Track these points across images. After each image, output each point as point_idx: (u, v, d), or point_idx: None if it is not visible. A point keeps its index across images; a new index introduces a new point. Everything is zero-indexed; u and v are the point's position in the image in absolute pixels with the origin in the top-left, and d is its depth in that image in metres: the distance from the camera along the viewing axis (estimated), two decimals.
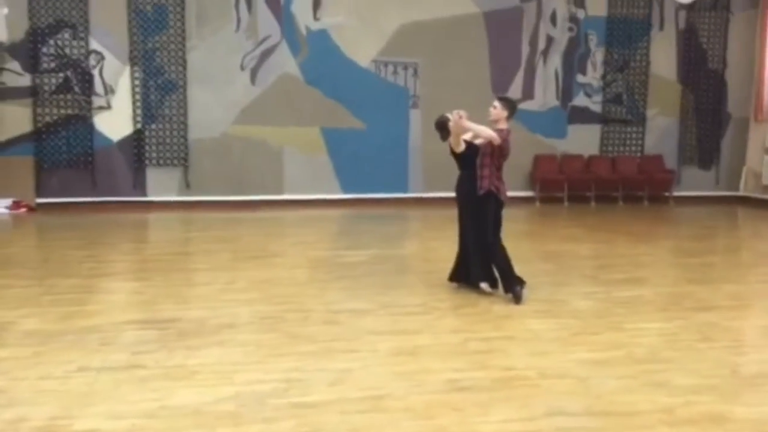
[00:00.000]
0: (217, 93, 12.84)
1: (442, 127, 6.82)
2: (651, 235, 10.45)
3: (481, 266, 6.72)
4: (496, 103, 6.60)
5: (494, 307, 6.32)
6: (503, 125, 6.56)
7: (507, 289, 6.55)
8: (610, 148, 14.44)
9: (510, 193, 6.97)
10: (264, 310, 6.11)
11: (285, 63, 13.08)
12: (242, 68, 12.93)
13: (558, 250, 9.11)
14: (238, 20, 12.84)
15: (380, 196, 13.50)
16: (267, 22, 12.95)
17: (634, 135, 14.50)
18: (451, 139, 6.63)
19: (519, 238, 9.76)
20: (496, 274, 6.71)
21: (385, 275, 7.53)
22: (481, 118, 6.63)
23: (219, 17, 12.77)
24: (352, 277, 7.36)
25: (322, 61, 13.17)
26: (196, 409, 4.01)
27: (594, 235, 10.43)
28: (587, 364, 4.90)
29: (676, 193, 14.51)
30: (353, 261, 8.29)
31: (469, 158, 6.65)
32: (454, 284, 6.93)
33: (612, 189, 14.23)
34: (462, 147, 6.63)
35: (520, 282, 6.52)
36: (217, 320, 5.76)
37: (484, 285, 6.77)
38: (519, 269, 6.57)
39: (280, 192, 13.25)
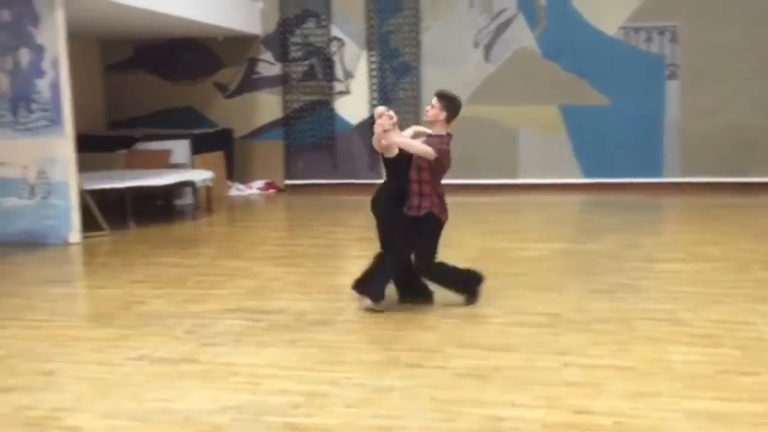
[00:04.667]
0: (450, 73, 12.44)
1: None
2: None
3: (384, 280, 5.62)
4: (434, 101, 5.40)
5: (643, 325, 5.13)
6: (442, 129, 5.44)
7: (464, 291, 5.64)
8: None
9: None
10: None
11: (521, 37, 12.23)
12: (476, 45, 12.39)
13: None
14: None
15: (628, 181, 12.05)
16: None
17: None
18: (374, 141, 5.45)
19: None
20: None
21: (545, 276, 6.60)
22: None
23: None
24: (506, 275, 6.55)
25: (563, 32, 12.07)
26: (188, 417, 3.78)
27: None
28: (698, 418, 3.67)
29: None
30: (528, 256, 7.43)
31: (400, 165, 5.44)
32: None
33: None
34: (395, 152, 5.41)
35: (477, 277, 5.65)
36: (318, 315, 5.49)
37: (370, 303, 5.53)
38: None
39: (514, 176, 12.50)
